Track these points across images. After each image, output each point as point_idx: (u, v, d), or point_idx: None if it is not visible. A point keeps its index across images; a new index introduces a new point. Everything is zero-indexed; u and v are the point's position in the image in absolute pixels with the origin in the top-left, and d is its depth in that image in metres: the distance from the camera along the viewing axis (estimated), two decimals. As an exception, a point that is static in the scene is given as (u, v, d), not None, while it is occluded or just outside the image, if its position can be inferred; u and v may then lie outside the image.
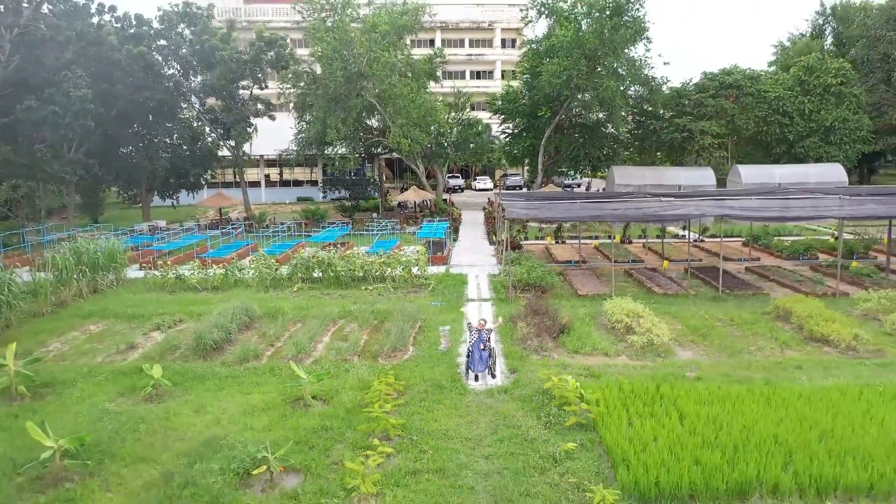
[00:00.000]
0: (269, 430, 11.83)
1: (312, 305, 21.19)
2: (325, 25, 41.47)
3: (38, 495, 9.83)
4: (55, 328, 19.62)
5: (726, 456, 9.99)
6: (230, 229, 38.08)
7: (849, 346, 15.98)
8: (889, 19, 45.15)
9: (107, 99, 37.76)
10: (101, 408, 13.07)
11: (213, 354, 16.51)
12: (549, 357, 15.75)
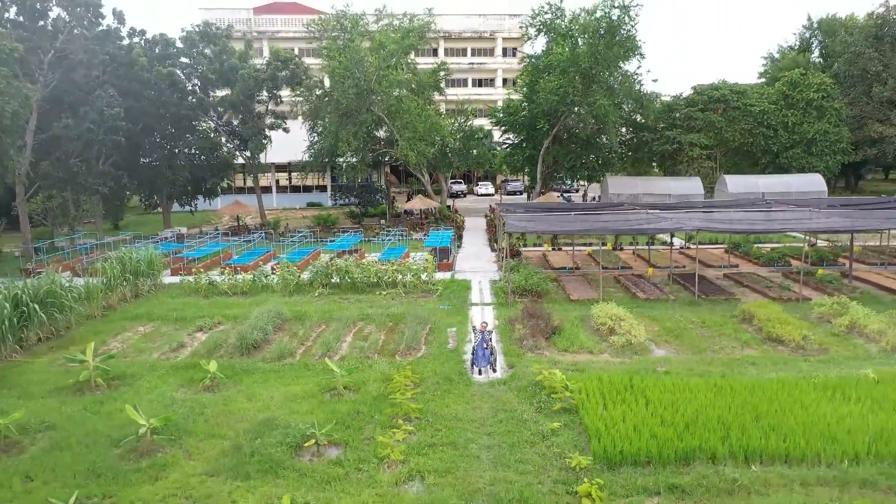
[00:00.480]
0: (311, 413, 14.48)
1: (334, 309, 23.87)
2: (337, 45, 44.10)
3: (138, 462, 12.49)
4: (110, 329, 22.31)
5: (677, 432, 12.62)
6: (251, 237, 40.76)
7: (798, 346, 18.61)
8: (868, 37, 47.73)
9: (134, 114, 40.44)
10: (168, 396, 15.73)
11: (254, 352, 19.19)
12: (541, 354, 18.41)
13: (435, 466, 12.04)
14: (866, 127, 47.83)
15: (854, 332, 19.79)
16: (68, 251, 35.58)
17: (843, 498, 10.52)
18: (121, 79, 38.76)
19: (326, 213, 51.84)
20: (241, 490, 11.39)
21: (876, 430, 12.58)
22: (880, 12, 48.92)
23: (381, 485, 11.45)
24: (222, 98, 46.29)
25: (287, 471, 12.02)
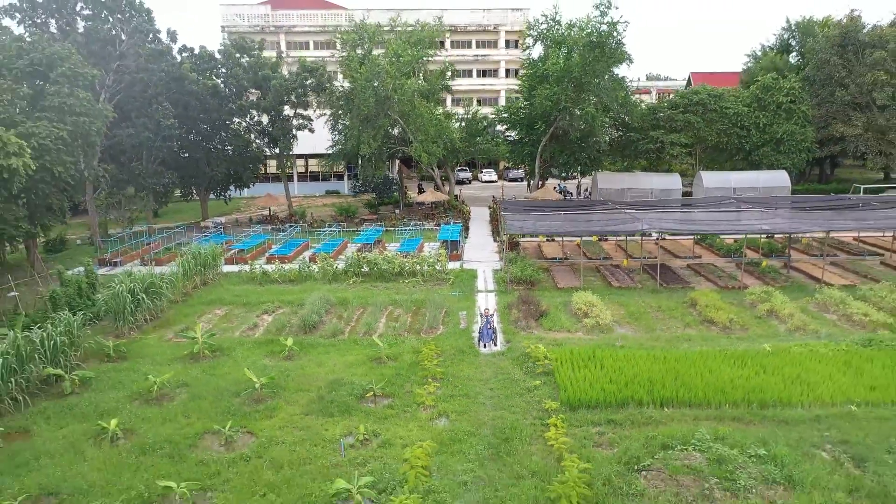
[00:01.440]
0: (365, 375, 20.34)
1: (368, 296, 29.73)
2: (356, 55, 49.31)
3: (256, 406, 18.38)
4: (193, 312, 28.20)
5: (619, 387, 18.43)
6: (286, 228, 46.53)
7: (726, 326, 24.40)
8: (832, 45, 52.69)
9: (181, 120, 45.93)
10: (260, 363, 21.62)
11: (313, 331, 25.06)
12: (531, 333, 24.24)
13: (455, 409, 17.92)
14: (831, 126, 53.01)
15: (772, 316, 25.56)
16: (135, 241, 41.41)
17: (716, 426, 16.34)
18: (172, 91, 44.19)
19: (347, 204, 57.40)
20: (329, 423, 17.29)
21: (754, 386, 18.38)
22: (844, 22, 53.85)
23: (420, 420, 17.34)
24: (256, 102, 51.60)
25: (356, 411, 17.92)
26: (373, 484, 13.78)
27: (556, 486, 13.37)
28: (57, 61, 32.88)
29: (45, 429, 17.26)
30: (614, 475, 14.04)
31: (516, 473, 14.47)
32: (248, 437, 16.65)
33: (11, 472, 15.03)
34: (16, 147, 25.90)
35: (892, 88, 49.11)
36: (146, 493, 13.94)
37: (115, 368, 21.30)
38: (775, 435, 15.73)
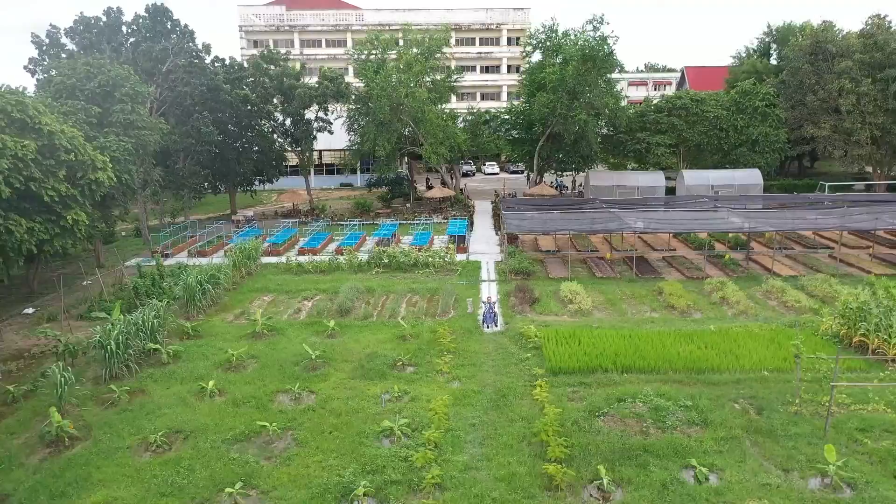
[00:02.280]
0: (393, 349, 25.75)
1: (389, 284, 35.14)
2: (373, 67, 54.30)
3: (312, 373, 23.82)
4: (244, 299, 33.63)
5: (591, 358, 23.81)
6: (311, 222, 51.90)
7: (684, 311, 29.76)
8: (804, 54, 57.45)
9: (216, 125, 51.08)
10: (310, 340, 27.04)
11: (348, 315, 30.49)
12: (525, 316, 29.63)
13: (465, 374, 23.35)
14: (803, 128, 57.95)
15: (723, 302, 30.91)
16: (176, 234, 46.80)
17: (661, 386, 21.72)
18: (208, 100, 49.32)
19: (363, 199, 62.65)
20: (369, 385, 22.73)
21: (694, 357, 23.75)
22: (819, 28, 58.58)
23: (438, 382, 22.77)
24: (281, 106, 56.67)
25: (389, 376, 23.35)
26: (408, 424, 19.24)
27: (538, 424, 18.83)
28: (120, 82, 38.07)
29: (157, 389, 22.75)
30: (580, 418, 19.51)
31: (510, 418, 19.94)
32: (310, 395, 22.11)
33: (143, 417, 20.53)
34: (101, 163, 31.21)
35: (856, 95, 53.93)
36: (246, 430, 19.43)
37: (195, 344, 26.79)
38: (702, 392, 21.15)
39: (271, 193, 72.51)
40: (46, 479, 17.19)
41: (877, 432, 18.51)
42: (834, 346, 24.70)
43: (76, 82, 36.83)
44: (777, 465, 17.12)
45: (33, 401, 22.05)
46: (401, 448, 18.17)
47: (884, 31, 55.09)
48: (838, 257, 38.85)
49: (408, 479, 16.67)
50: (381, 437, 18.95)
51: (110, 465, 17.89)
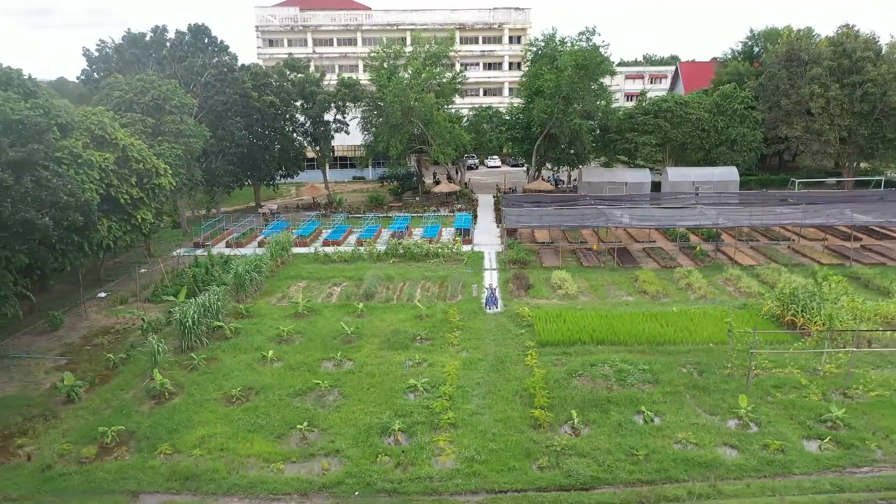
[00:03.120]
0: (413, 327, 31.29)
1: (405, 273, 40.65)
2: (386, 74, 59.42)
3: (348, 345, 29.38)
4: (282, 285, 39.16)
5: (573, 333, 29.32)
6: (330, 215, 57.38)
7: (654, 295, 35.22)
8: (780, 60, 62.41)
9: (246, 128, 56.37)
10: (343, 320, 32.57)
11: (372, 298, 36.02)
12: (521, 299, 35.14)
13: (471, 346, 28.92)
14: (778, 128, 63.05)
15: (689, 288, 36.38)
16: (210, 226, 52.33)
17: (627, 355, 27.23)
18: (240, 107, 54.60)
19: (376, 192, 68.03)
20: (395, 354, 28.27)
21: (656, 333, 29.24)
22: (798, 34, 63.53)
23: (450, 352, 28.34)
24: (303, 109, 61.88)
25: (411, 347, 28.93)
26: (427, 382, 24.83)
27: (528, 382, 24.42)
28: (169, 96, 43.41)
29: (226, 357, 28.37)
30: (561, 378, 25.10)
31: (506, 378, 25.52)
32: (349, 362, 27.69)
33: (221, 378, 26.14)
34: (162, 170, 36.68)
35: (825, 99, 58.95)
36: (303, 387, 25.05)
37: (249, 322, 32.40)
38: (658, 360, 26.70)
39: (290, 186, 77.86)
40: (159, 421, 22.84)
41: (787, 388, 24.06)
42: (772, 324, 30.26)
43: (133, 97, 42.17)
44: (706, 411, 22.70)
45: (129, 366, 27.71)
46: (423, 399, 23.80)
47: (852, 39, 59.98)
48: (796, 249, 44.28)
49: (429, 420, 22.29)
50: (408, 392, 24.55)
51: (204, 411, 23.54)
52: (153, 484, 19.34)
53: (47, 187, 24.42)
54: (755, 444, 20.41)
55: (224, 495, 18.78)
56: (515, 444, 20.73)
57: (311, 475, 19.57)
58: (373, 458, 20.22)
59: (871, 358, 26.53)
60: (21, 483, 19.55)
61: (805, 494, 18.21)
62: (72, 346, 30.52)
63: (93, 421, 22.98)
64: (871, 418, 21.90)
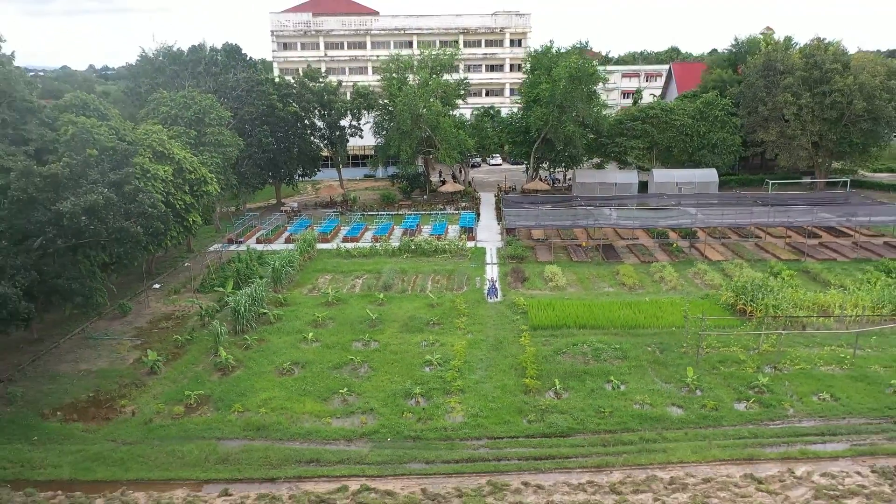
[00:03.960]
0: (426, 314, 36.94)
1: (417, 267, 46.28)
2: (396, 84, 64.75)
3: (373, 329, 35.06)
4: (311, 278, 44.84)
5: (561, 319, 34.96)
6: (347, 212, 63.04)
7: (631, 287, 40.85)
8: (757, 71, 67.63)
9: (272, 134, 61.87)
10: (367, 308, 38.24)
11: (390, 289, 41.68)
12: (517, 291, 40.80)
13: (474, 329, 34.61)
14: (755, 133, 68.39)
15: (662, 280, 41.98)
16: (240, 223, 58.01)
17: (603, 336, 32.88)
18: (267, 116, 60.09)
19: (387, 190, 73.59)
20: (412, 336, 33.95)
21: (629, 319, 34.87)
22: (769, 49, 68.70)
23: (458, 335, 34.02)
24: (321, 116, 67.35)
25: (425, 331, 34.63)
26: (440, 358, 30.54)
27: (521, 358, 30.12)
28: (208, 110, 48.96)
29: (272, 338, 34.09)
30: (548, 355, 30.80)
31: (504, 355, 31.22)
32: (375, 342, 33.38)
33: (271, 355, 31.86)
34: (210, 179, 42.31)
35: (797, 107, 64.21)
36: (339, 362, 30.78)
37: (288, 310, 38.10)
38: (629, 341, 32.35)
39: (306, 184, 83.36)
40: (228, 388, 28.61)
41: (729, 363, 29.75)
42: (726, 311, 35.93)
43: (177, 112, 47.72)
44: (662, 380, 28.41)
45: (195, 345, 33.47)
46: (437, 371, 29.54)
47: (822, 52, 65.20)
48: (761, 245, 49.87)
49: (443, 387, 28.04)
50: (424, 366, 30.29)
51: (262, 380, 29.30)
52: (232, 433, 25.14)
53: (136, 201, 30.05)
54: (696, 405, 26.14)
55: (288, 440, 24.56)
56: (510, 404, 26.48)
57: (352, 427, 25.34)
58: (399, 414, 25.99)
59: (803, 339, 32.24)
60: (130, 433, 25.37)
61: (728, 439, 23.94)
62: (142, 329, 36.31)
63: (175, 387, 28.79)
64: (791, 385, 27.60)
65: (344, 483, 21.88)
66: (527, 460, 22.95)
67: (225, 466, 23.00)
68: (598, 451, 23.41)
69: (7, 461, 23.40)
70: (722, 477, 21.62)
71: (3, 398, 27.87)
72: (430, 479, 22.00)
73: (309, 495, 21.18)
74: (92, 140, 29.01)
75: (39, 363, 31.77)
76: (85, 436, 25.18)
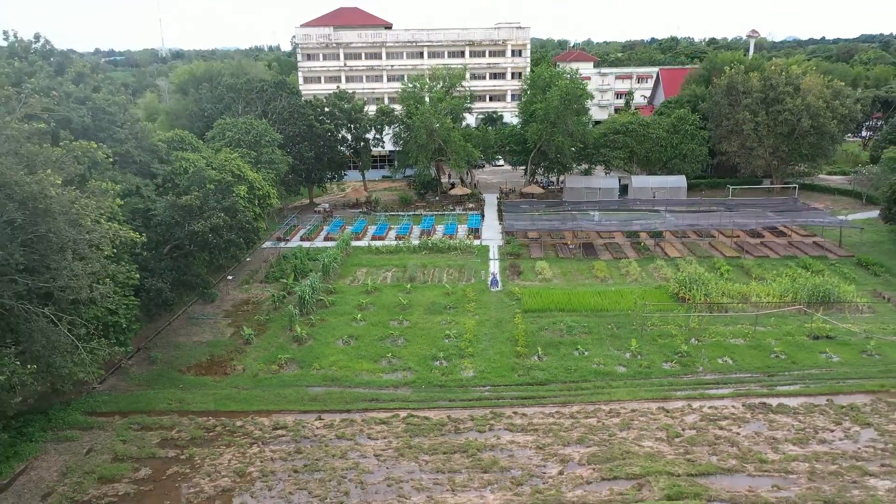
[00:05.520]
0: (443, 300, 47.68)
1: (434, 262, 57.07)
2: (414, 102, 75.13)
3: (403, 312, 45.90)
4: (350, 271, 55.66)
5: (546, 304, 45.69)
6: (372, 213, 73.83)
7: (602, 279, 51.60)
8: (722, 91, 77.71)
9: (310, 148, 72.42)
10: (398, 295, 49.04)
11: (414, 280, 52.49)
12: (514, 282, 51.57)
13: (480, 312, 45.41)
14: (720, 144, 78.66)
15: (627, 274, 52.73)
16: (291, 225, 68.81)
17: (576, 317, 43.67)
18: (307, 134, 70.64)
19: (403, 192, 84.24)
20: (434, 317, 44.73)
21: (597, 304, 45.64)
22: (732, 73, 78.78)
23: (468, 316, 44.82)
24: (348, 129, 77.88)
25: (444, 313, 45.44)
26: (456, 333, 41.44)
27: (515, 333, 40.98)
28: (264, 133, 59.63)
29: (330, 318, 44.96)
30: (534, 330, 41.66)
31: (502, 331, 42.08)
32: (406, 322, 44.25)
33: (331, 331, 42.79)
34: (272, 193, 53.06)
35: (755, 123, 74.38)
36: (382, 335, 41.70)
37: (337, 297, 48.94)
38: (595, 320, 43.16)
39: (332, 185, 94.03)
40: (305, 353, 39.55)
41: (664, 337, 40.55)
42: (671, 298, 46.68)
43: (240, 136, 58.41)
44: (614, 349, 39.27)
45: (273, 323, 44.41)
46: (453, 342, 40.45)
47: (777, 75, 75.31)
48: (713, 244, 60.55)
49: (458, 353, 38.95)
50: (444, 338, 41.18)
51: (328, 348, 40.24)
52: (315, 382, 36.14)
53: (237, 218, 40.88)
54: (635, 365, 37.06)
55: (354, 387, 35.54)
56: (506, 364, 37.42)
57: (397, 379, 36.31)
58: (429, 371, 36.96)
59: (723, 319, 43.02)
60: (245, 382, 36.38)
61: (653, 387, 34.84)
62: (228, 311, 47.29)
63: (267, 353, 39.81)
64: (706, 352, 38.43)
65: (396, 412, 32.89)
66: (516, 399, 33.93)
67: (315, 403, 34.05)
68: (564, 394, 34.38)
69: (168, 400, 34.50)
70: (644, 409, 32.58)
71: (148, 360, 38.95)
72: (453, 411, 32.98)
73: (374, 419, 32.23)
74: (206, 176, 39.76)
75: (161, 337, 42.79)
76: (214, 384, 36.26)
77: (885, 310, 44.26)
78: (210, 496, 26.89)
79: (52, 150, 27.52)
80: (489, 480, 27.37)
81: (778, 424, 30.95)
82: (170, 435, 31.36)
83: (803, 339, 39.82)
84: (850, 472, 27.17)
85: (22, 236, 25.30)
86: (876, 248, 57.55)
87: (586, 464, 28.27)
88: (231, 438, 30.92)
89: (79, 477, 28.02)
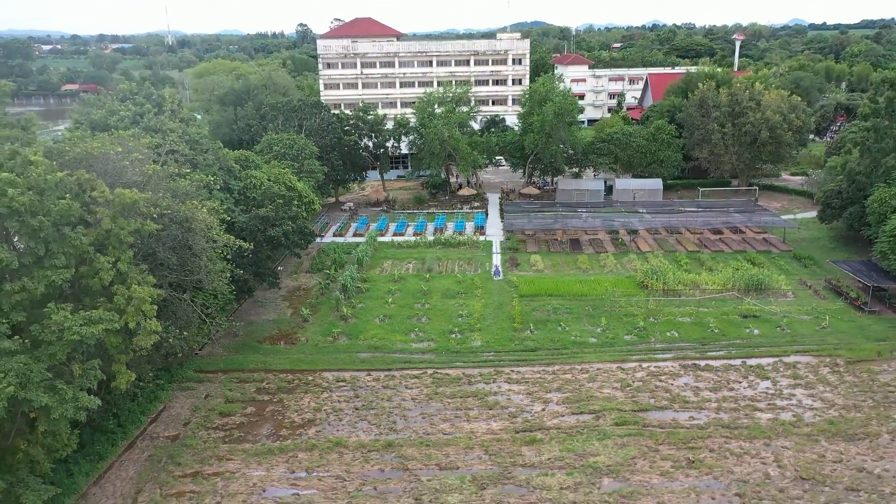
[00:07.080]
0: (456, 287, 58.71)
1: (447, 255, 68.10)
2: (427, 113, 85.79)
3: (425, 297, 57.07)
4: (378, 263, 66.71)
5: (538, 290, 56.74)
6: (391, 212, 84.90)
7: (584, 270, 62.62)
8: (695, 105, 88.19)
9: (339, 157, 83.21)
10: (420, 283, 60.18)
11: (432, 271, 63.58)
12: (513, 272, 62.63)
13: (486, 297, 56.45)
14: (693, 151, 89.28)
15: (604, 266, 63.80)
16: (323, 222, 79.88)
17: (561, 301, 54.73)
18: (337, 145, 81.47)
19: (417, 192, 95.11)
20: (449, 300, 55.88)
21: (579, 290, 56.65)
22: (703, 89, 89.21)
23: (476, 299, 55.90)
24: (370, 138, 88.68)
25: (458, 297, 56.49)
26: (466, 313, 52.61)
27: (513, 313, 52.13)
28: (304, 147, 70.54)
29: (367, 302, 56.07)
30: (529, 311, 52.78)
31: (503, 312, 53.14)
32: (428, 304, 55.32)
33: (369, 311, 53.93)
34: (315, 200, 64.04)
35: (722, 134, 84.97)
36: (410, 314, 52.89)
37: (371, 285, 59.99)
38: (577, 304, 54.23)
39: (354, 185, 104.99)
40: (352, 329, 50.76)
41: (629, 316, 51.63)
42: (637, 286, 57.77)
43: (285, 150, 69.34)
44: (589, 325, 50.41)
45: (323, 305, 55.58)
46: (465, 320, 51.63)
47: (742, 91, 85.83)
48: (679, 240, 71.51)
49: (469, 328, 50.15)
50: (458, 317, 52.33)
51: (369, 325, 51.44)
52: (362, 349, 47.40)
53: (298, 225, 51.94)
54: (603, 336, 48.26)
55: (391, 353, 46.79)
56: (505, 336, 48.64)
57: (424, 347, 47.54)
58: (447, 341, 48.19)
59: (676, 303, 54.11)
60: (308, 350, 47.67)
61: (616, 353, 46.03)
62: (284, 296, 58.49)
63: (322, 328, 51.04)
64: (659, 327, 49.55)
65: (424, 370, 44.15)
66: (513, 361, 45.19)
67: (364, 364, 45.35)
68: (548, 358, 45.60)
69: (255, 362, 45.81)
70: (606, 368, 43.80)
71: (232, 333, 50.23)
72: (466, 369, 44.26)
73: (409, 375, 43.53)
74: (275, 192, 50.76)
75: (236, 316, 54.01)
76: (286, 351, 47.57)
77: (805, 295, 55.36)
78: (300, 424, 38.24)
79: (185, 182, 38.57)
80: (493, 414, 38.68)
81: (701, 378, 42.19)
82: (262, 385, 42.69)
83: (735, 317, 50.93)
84: (745, 409, 38.41)
85: (171, 243, 36.43)
86: (813, 244, 68.53)
87: (562, 404, 39.56)
88: (307, 388, 42.26)
89: (205, 412, 39.41)
